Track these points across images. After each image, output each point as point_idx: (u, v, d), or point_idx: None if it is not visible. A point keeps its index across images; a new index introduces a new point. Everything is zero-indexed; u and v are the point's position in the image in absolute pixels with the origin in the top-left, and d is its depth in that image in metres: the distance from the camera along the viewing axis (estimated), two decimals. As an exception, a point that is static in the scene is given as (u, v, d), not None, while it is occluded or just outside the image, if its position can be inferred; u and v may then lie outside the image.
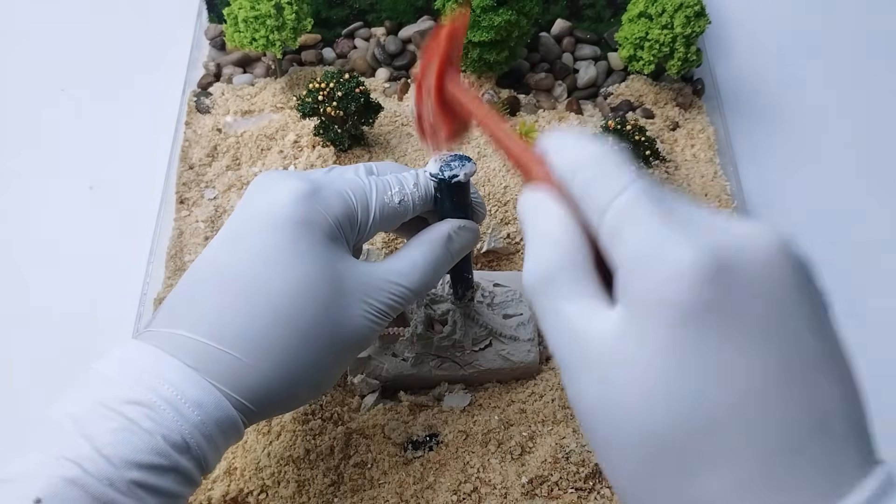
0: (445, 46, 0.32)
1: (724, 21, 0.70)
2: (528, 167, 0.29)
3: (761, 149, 0.64)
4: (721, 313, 0.22)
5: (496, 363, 0.47)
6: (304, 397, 0.35)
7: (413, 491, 0.43)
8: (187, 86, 0.62)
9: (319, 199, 0.34)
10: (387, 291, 0.35)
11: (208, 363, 0.31)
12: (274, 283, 0.32)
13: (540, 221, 0.27)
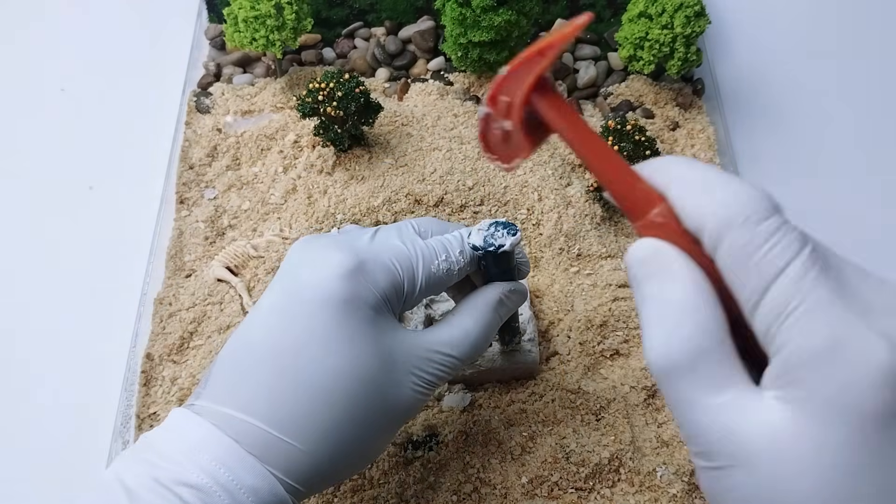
0: (554, 53, 0.26)
1: (724, 21, 0.70)
2: (641, 207, 0.23)
3: (761, 149, 0.64)
4: None
5: (497, 363, 0.46)
6: (353, 473, 0.35)
7: (413, 491, 0.43)
8: (187, 86, 0.62)
9: (366, 273, 0.33)
10: (436, 363, 0.35)
11: (264, 449, 0.30)
12: (327, 364, 0.32)
13: (668, 287, 0.23)
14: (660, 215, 0.23)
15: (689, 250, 0.23)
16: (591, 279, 0.51)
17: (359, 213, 0.52)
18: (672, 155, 0.30)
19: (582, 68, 0.64)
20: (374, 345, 0.32)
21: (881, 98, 0.67)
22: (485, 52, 0.58)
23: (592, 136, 0.25)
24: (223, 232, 0.54)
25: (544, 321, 0.52)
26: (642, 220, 0.24)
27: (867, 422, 0.20)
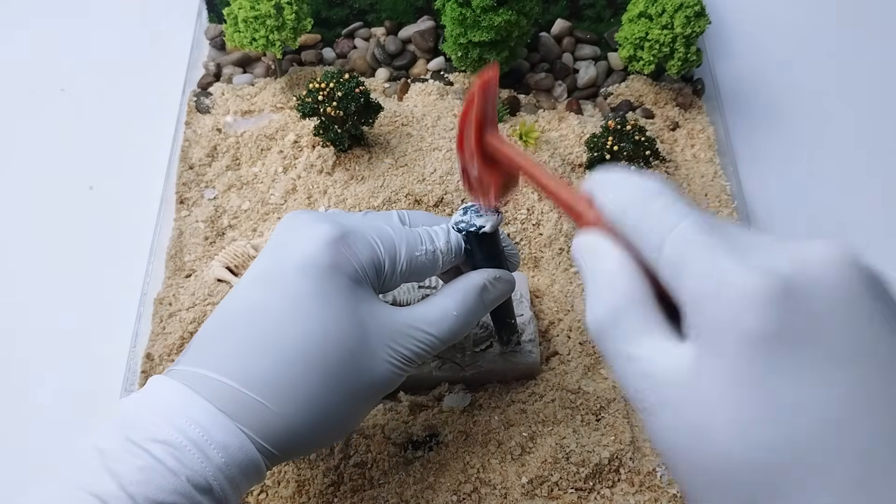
0: (479, 102, 0.31)
1: (724, 21, 0.70)
2: (577, 211, 0.29)
3: (761, 149, 0.64)
4: (794, 339, 0.21)
5: (497, 364, 0.46)
6: (326, 441, 0.35)
7: (413, 491, 0.43)
8: (187, 86, 0.62)
9: (347, 243, 0.34)
10: (414, 339, 0.35)
11: (235, 407, 0.31)
12: (300, 327, 0.32)
13: (597, 264, 0.27)
14: (592, 215, 0.28)
15: (617, 240, 0.27)
16: (591, 279, 0.51)
17: (359, 213, 0.52)
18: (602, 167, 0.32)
19: (582, 68, 0.64)
20: (350, 312, 0.33)
21: (881, 98, 0.67)
22: (485, 52, 0.58)
23: (532, 166, 0.31)
24: (223, 232, 0.54)
25: (544, 321, 0.52)
26: (581, 222, 0.29)
27: (752, 345, 0.22)
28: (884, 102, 0.67)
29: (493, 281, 0.38)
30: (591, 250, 0.28)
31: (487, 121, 0.32)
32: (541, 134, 0.58)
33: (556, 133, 0.59)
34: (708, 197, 0.58)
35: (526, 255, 0.54)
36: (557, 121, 0.60)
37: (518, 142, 0.56)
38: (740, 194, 0.58)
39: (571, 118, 0.60)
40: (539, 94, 0.63)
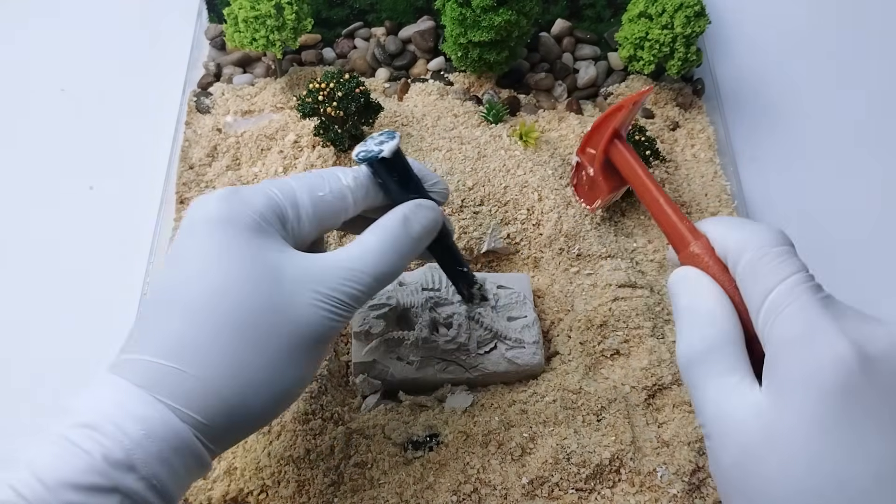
0: (626, 112, 0.33)
1: (724, 21, 0.70)
2: (683, 239, 0.31)
3: (761, 149, 0.64)
4: (866, 400, 0.25)
5: (501, 366, 0.47)
6: (266, 406, 0.32)
7: (413, 491, 0.43)
8: (187, 86, 0.62)
9: (237, 199, 0.33)
10: (340, 278, 0.33)
11: (154, 380, 0.30)
12: (201, 284, 0.31)
13: (696, 299, 0.30)
14: (697, 248, 0.30)
15: (718, 279, 0.30)
16: (591, 279, 0.51)
17: (359, 214, 0.52)
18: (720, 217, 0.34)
19: (582, 68, 0.64)
20: (254, 261, 0.32)
21: (881, 98, 0.67)
22: (485, 52, 0.58)
23: (651, 182, 0.33)
24: (223, 232, 0.54)
25: (545, 321, 0.52)
26: (683, 252, 0.31)
27: (827, 397, 0.25)
28: (884, 102, 0.67)
29: (414, 209, 0.37)
30: (692, 283, 0.30)
31: (622, 130, 0.33)
32: (541, 134, 0.58)
33: (556, 133, 0.59)
34: (708, 197, 0.58)
35: (526, 255, 0.54)
36: (557, 121, 0.60)
37: (518, 142, 0.56)
38: (740, 194, 0.58)
39: (571, 118, 0.60)
40: (539, 94, 0.63)
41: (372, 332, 0.45)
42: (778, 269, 0.28)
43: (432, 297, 0.47)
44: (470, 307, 0.46)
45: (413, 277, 0.48)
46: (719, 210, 0.57)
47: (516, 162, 0.54)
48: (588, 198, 0.36)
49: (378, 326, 0.45)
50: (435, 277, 0.48)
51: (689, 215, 0.57)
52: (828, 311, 0.27)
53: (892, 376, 0.26)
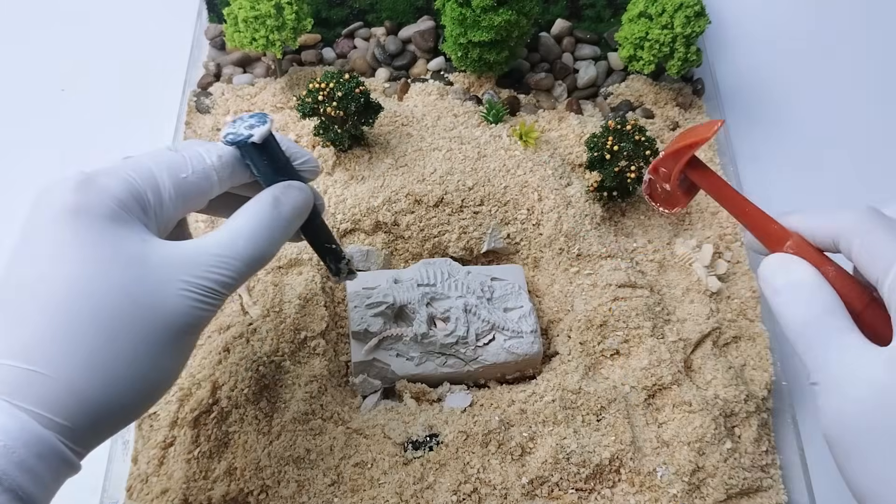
0: (707, 137, 0.36)
1: (724, 21, 0.70)
2: (776, 241, 0.33)
3: (761, 148, 0.64)
4: None
5: (501, 357, 0.47)
6: (133, 403, 0.31)
7: (413, 491, 0.43)
8: (187, 86, 0.62)
9: (92, 185, 0.31)
10: (207, 265, 0.32)
11: (9, 385, 0.28)
12: (55, 279, 0.29)
13: (795, 275, 0.32)
14: (791, 246, 0.33)
15: (819, 267, 0.32)
16: (591, 279, 0.51)
17: (359, 213, 0.52)
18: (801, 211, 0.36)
19: (582, 68, 0.64)
20: (113, 251, 0.30)
21: (881, 98, 0.67)
22: (485, 52, 0.58)
23: (733, 193, 0.35)
24: (223, 232, 0.54)
25: (544, 320, 0.52)
26: (776, 244, 0.33)
27: None
28: (884, 102, 0.67)
29: (284, 190, 0.35)
30: (787, 265, 0.32)
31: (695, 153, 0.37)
32: (541, 134, 0.58)
33: (556, 133, 0.59)
34: (708, 197, 0.58)
35: (526, 255, 0.54)
36: (557, 121, 0.60)
37: (518, 142, 0.56)
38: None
39: (571, 118, 0.60)
40: (539, 94, 0.63)
41: (370, 330, 0.46)
42: (891, 247, 0.30)
43: (428, 292, 0.47)
44: (339, 280, 0.43)
45: (408, 274, 0.49)
46: (719, 210, 0.57)
47: (516, 162, 0.54)
48: (667, 204, 0.39)
49: (376, 324, 0.46)
50: (430, 273, 0.48)
51: (688, 215, 0.57)
52: None
53: None
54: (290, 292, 0.49)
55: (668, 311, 0.51)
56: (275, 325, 0.47)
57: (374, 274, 0.50)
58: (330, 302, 0.50)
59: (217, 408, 0.44)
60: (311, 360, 0.47)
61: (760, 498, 0.46)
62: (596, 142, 0.54)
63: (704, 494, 0.45)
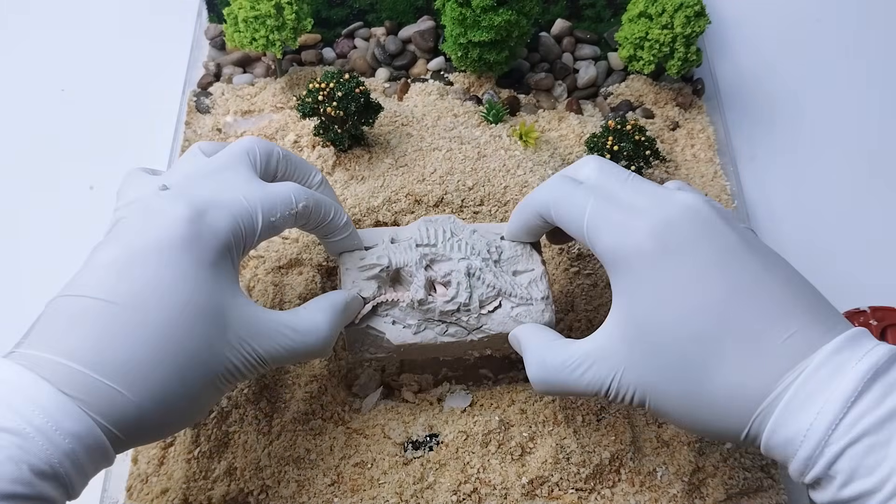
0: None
1: (725, 21, 0.70)
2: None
3: (761, 149, 0.64)
4: (675, 254, 0.33)
5: (507, 326, 0.42)
6: (174, 429, 0.35)
7: (413, 491, 0.43)
8: (187, 86, 0.62)
9: (205, 224, 0.34)
10: (275, 342, 0.35)
11: (84, 392, 0.30)
12: (157, 316, 0.32)
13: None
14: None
15: None
16: (591, 279, 0.51)
17: (359, 214, 0.52)
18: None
19: (582, 68, 0.64)
20: (208, 299, 0.33)
21: (881, 98, 0.67)
22: (485, 52, 0.58)
23: None
24: (223, 232, 0.54)
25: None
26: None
27: (647, 260, 0.33)
28: (884, 102, 0.67)
29: (352, 301, 0.40)
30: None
31: None
32: (541, 134, 0.58)
33: (556, 133, 0.59)
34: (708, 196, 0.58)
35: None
36: (557, 121, 0.60)
37: (518, 142, 0.56)
38: (740, 194, 0.58)
39: (571, 118, 0.60)
40: (539, 94, 0.63)
41: (362, 295, 0.41)
42: (579, 206, 0.37)
43: (427, 253, 0.43)
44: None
45: (406, 233, 0.44)
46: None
47: (516, 162, 0.54)
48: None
49: (369, 289, 0.42)
50: (430, 232, 0.44)
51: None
52: (622, 209, 0.35)
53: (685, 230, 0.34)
54: (290, 292, 0.49)
55: (668, 311, 0.51)
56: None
57: (371, 231, 0.45)
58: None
59: (217, 408, 0.44)
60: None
61: (760, 498, 0.46)
62: (596, 142, 0.54)
63: (704, 494, 0.45)
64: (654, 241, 0.33)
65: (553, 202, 0.38)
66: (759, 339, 0.31)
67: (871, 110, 0.66)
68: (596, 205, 0.36)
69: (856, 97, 0.67)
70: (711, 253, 0.33)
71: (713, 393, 0.32)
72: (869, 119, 0.66)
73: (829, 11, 0.72)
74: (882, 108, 0.67)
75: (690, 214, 0.34)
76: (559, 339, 0.38)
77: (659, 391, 0.34)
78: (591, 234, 0.36)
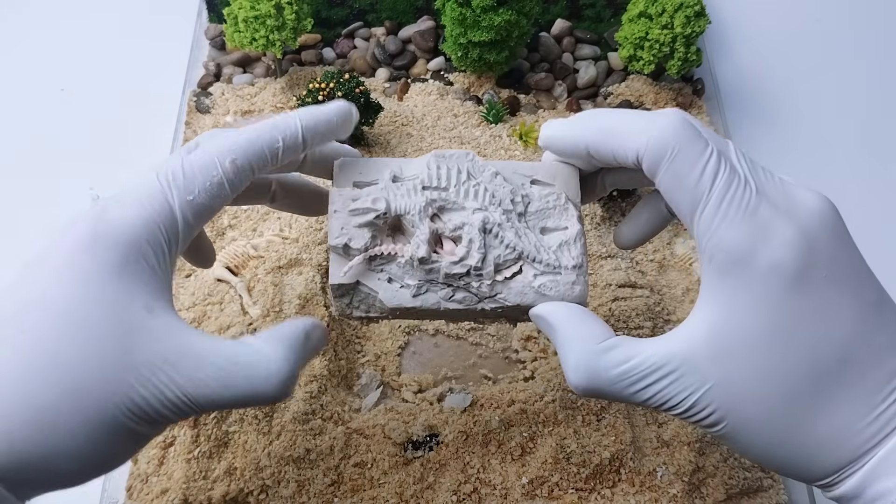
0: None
1: (724, 21, 0.70)
2: None
3: (761, 148, 0.64)
4: (814, 277, 0.28)
5: (527, 297, 0.34)
6: (72, 474, 0.27)
7: (413, 491, 0.43)
8: (187, 85, 0.62)
9: (106, 219, 0.28)
10: (203, 372, 0.27)
11: None
12: (36, 332, 0.26)
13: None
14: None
15: None
16: (591, 279, 0.51)
17: (359, 213, 0.52)
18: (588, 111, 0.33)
19: (582, 68, 0.64)
20: (111, 311, 0.26)
21: (881, 97, 0.67)
22: (485, 52, 0.58)
23: None
24: (223, 232, 0.54)
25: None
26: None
27: (786, 283, 0.27)
28: (883, 102, 0.67)
29: (316, 328, 0.32)
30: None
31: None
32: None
33: (557, 133, 0.59)
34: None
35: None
36: (557, 121, 0.60)
37: (518, 142, 0.56)
38: (740, 194, 0.58)
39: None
40: (539, 94, 0.63)
41: (352, 245, 0.34)
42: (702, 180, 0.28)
43: (435, 199, 0.34)
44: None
45: (413, 168, 0.35)
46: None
47: (516, 162, 0.54)
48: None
49: (360, 239, 0.34)
50: (441, 172, 0.35)
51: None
52: (760, 203, 0.28)
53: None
54: (289, 292, 0.49)
55: (669, 311, 0.51)
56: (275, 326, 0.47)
57: (371, 161, 0.36)
58: (330, 302, 0.50)
59: (217, 408, 0.44)
60: (311, 359, 0.47)
61: (760, 498, 0.46)
62: (596, 142, 0.54)
63: (704, 494, 0.45)
64: (796, 262, 0.27)
65: (672, 145, 0.28)
66: (873, 378, 0.27)
67: (871, 110, 0.66)
68: (729, 178, 0.28)
69: (856, 97, 0.67)
70: (847, 277, 0.28)
71: (811, 434, 0.28)
72: (869, 119, 0.66)
73: (829, 11, 0.72)
74: (882, 108, 0.67)
75: (829, 226, 0.29)
76: (609, 336, 0.30)
77: (746, 418, 0.28)
78: (708, 214, 0.28)
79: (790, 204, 0.28)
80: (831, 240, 0.28)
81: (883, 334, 0.28)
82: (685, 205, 0.28)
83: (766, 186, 0.29)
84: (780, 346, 0.28)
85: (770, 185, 0.29)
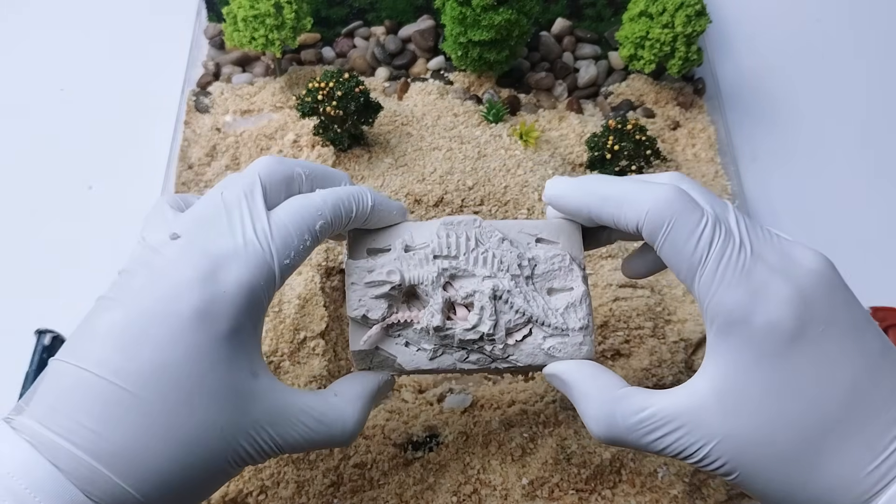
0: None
1: (725, 20, 0.70)
2: None
3: (762, 148, 0.64)
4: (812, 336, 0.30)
5: (538, 359, 0.36)
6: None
7: (413, 492, 0.43)
8: (186, 85, 0.61)
9: (218, 287, 0.29)
10: (296, 430, 0.32)
11: (83, 478, 0.27)
12: (162, 400, 0.28)
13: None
14: None
15: None
16: (591, 279, 0.51)
17: (358, 213, 0.52)
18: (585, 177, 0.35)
19: (582, 67, 0.64)
20: (225, 379, 0.30)
21: (881, 97, 0.67)
22: (485, 52, 0.57)
23: None
24: (222, 232, 0.54)
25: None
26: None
27: (784, 340, 0.29)
28: (884, 101, 0.67)
29: (386, 384, 0.37)
30: None
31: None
32: (541, 133, 0.57)
33: (557, 132, 0.59)
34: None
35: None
36: (558, 120, 0.60)
37: (518, 141, 0.56)
38: (741, 194, 0.58)
39: (572, 117, 0.60)
40: (539, 94, 0.62)
41: (370, 316, 0.36)
42: (698, 248, 0.30)
43: (447, 268, 0.36)
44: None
45: (423, 235, 0.37)
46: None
47: (516, 161, 0.54)
48: None
49: (378, 310, 0.36)
50: (451, 240, 0.36)
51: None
52: (754, 267, 0.30)
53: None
54: (289, 292, 0.49)
55: (669, 311, 0.51)
56: (274, 326, 0.47)
57: (383, 232, 0.37)
58: (330, 302, 0.50)
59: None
60: (311, 360, 0.47)
61: (761, 499, 0.46)
62: (596, 141, 0.54)
63: (705, 495, 0.45)
64: (793, 319, 0.29)
65: (668, 217, 0.30)
66: (876, 427, 0.29)
67: (871, 110, 0.66)
68: (724, 244, 0.30)
69: (857, 97, 0.67)
70: (846, 331, 0.29)
71: (820, 482, 0.29)
72: (870, 119, 0.66)
73: (829, 11, 0.72)
74: (883, 108, 0.66)
75: (825, 282, 0.30)
76: (622, 387, 0.33)
77: (756, 469, 0.30)
78: (706, 279, 0.30)
79: (786, 263, 0.30)
80: (828, 295, 0.30)
81: (885, 383, 0.29)
82: (684, 271, 0.31)
83: (762, 247, 0.30)
84: (782, 401, 0.29)
85: (767, 246, 0.30)
